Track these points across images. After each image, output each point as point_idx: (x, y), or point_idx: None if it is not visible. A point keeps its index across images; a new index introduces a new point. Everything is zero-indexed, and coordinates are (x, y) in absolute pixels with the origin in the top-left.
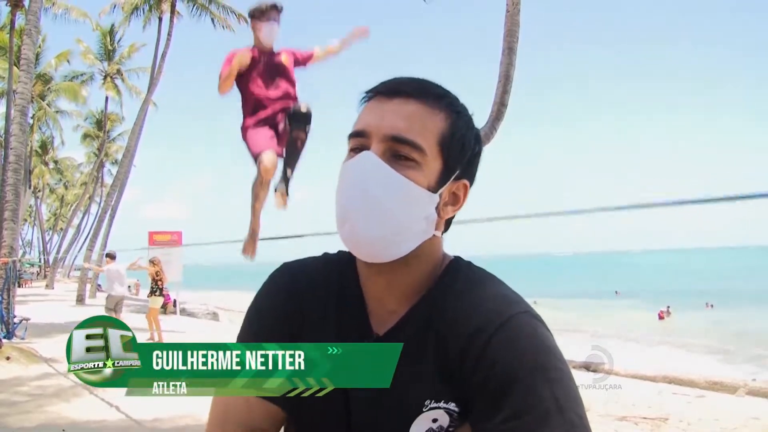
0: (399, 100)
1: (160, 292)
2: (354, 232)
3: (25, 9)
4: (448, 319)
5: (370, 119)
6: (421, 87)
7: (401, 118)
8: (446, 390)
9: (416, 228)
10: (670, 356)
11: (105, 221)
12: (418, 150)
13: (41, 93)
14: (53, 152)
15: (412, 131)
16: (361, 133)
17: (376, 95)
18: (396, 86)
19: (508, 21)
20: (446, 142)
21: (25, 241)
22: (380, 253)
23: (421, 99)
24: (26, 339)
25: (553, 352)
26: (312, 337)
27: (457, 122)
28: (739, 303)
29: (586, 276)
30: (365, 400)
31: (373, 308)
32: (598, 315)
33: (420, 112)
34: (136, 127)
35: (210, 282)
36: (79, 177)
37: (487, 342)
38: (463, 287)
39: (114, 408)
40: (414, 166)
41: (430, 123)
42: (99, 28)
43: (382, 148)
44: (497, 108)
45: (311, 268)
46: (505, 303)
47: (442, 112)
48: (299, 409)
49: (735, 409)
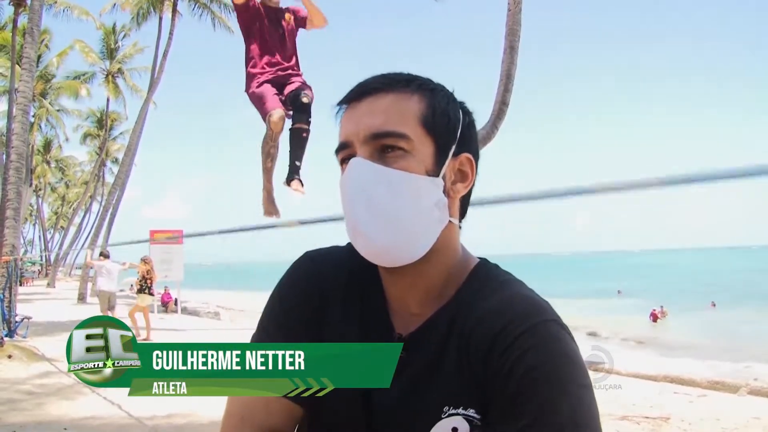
0: (369, 99)
1: (149, 291)
2: (369, 244)
3: (28, 7)
4: (472, 322)
5: (348, 128)
6: (386, 79)
7: (376, 114)
8: (466, 396)
9: (430, 218)
10: (665, 355)
11: (106, 220)
12: (402, 138)
13: (43, 91)
14: (56, 151)
15: (390, 122)
16: (345, 145)
17: (347, 104)
18: (362, 88)
19: (509, 20)
20: (429, 120)
21: (26, 239)
22: (401, 256)
23: (391, 90)
24: (28, 338)
25: (576, 365)
26: (334, 324)
27: (434, 98)
28: (744, 302)
29: (589, 275)
30: (385, 404)
31: (396, 308)
32: (597, 314)
33: (392, 101)
34: (137, 126)
35: (211, 282)
36: (81, 175)
37: (511, 345)
38: (491, 290)
39: (116, 406)
40: (404, 155)
41: (406, 108)
42: (102, 27)
43: (367, 149)
44: (499, 107)
45: (335, 256)
46: (534, 308)
47: (415, 94)
48: (319, 409)
49: (736, 408)
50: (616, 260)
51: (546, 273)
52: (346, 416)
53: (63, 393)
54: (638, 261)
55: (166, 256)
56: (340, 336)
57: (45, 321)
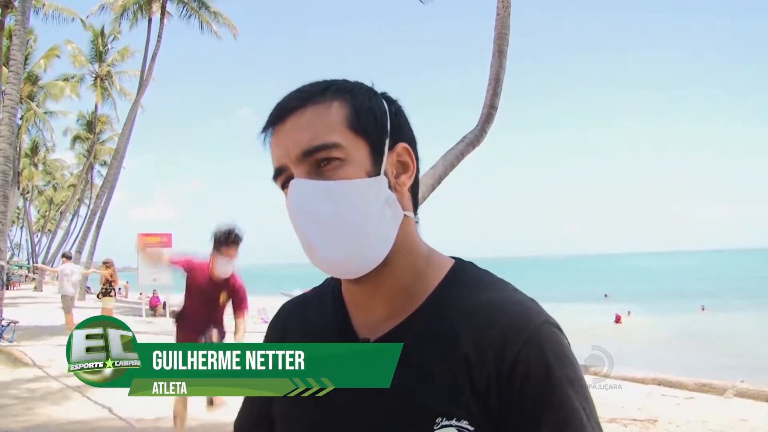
0: (291, 118)
1: (111, 293)
2: (328, 260)
3: (16, 10)
4: (463, 326)
5: (278, 152)
6: (303, 93)
7: (301, 130)
8: (458, 406)
9: (383, 218)
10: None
11: (94, 223)
12: (334, 147)
13: (30, 94)
14: (44, 154)
15: (318, 135)
16: (280, 170)
17: (271, 127)
18: (281, 108)
19: (498, 24)
20: (354, 123)
21: (13, 243)
22: (364, 264)
23: (309, 103)
24: (14, 342)
25: (576, 363)
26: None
27: (355, 99)
28: (733, 306)
29: (578, 279)
30: (371, 414)
31: (361, 317)
32: (569, 317)
33: (314, 114)
34: (125, 129)
35: None
36: (69, 178)
37: (517, 356)
38: (478, 291)
39: (106, 409)
40: (341, 164)
41: (329, 117)
42: (90, 29)
43: (302, 168)
44: (487, 111)
45: (303, 296)
46: (528, 312)
47: (335, 100)
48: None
49: (723, 410)
50: (608, 263)
51: (535, 276)
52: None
53: (50, 397)
54: (630, 264)
55: (154, 260)
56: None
57: (32, 325)
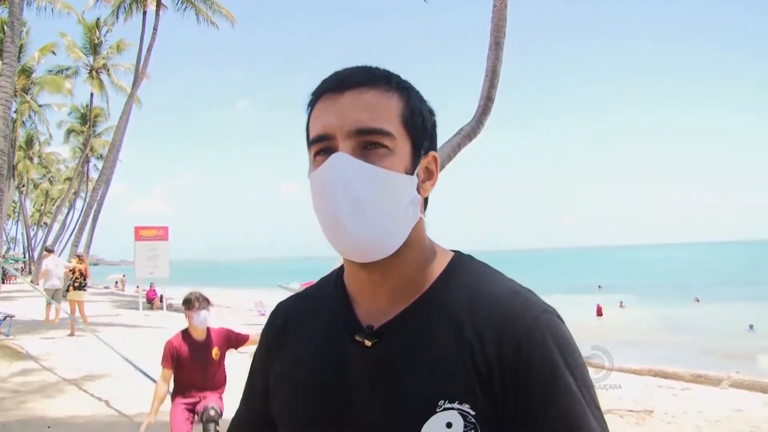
0: (352, 92)
1: (84, 287)
2: (351, 239)
3: (8, 1)
4: (464, 318)
5: (328, 119)
6: (368, 73)
7: (361, 109)
8: (460, 391)
9: (406, 215)
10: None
11: (90, 216)
12: (387, 135)
13: (24, 87)
14: (40, 147)
15: (376, 118)
16: (324, 137)
17: (325, 94)
18: (344, 79)
19: (495, 16)
20: (408, 120)
21: (8, 236)
22: (378, 252)
23: (373, 85)
24: (11, 336)
25: (576, 349)
26: (297, 336)
27: (411, 98)
28: (727, 297)
29: (574, 271)
30: (373, 398)
31: (364, 305)
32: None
33: (376, 98)
34: (121, 123)
35: (197, 278)
36: (65, 171)
37: (519, 346)
38: (474, 283)
39: (103, 402)
40: (388, 154)
41: (389, 106)
42: (83, 22)
43: (351, 144)
44: (484, 103)
45: (304, 292)
46: (527, 303)
47: (396, 92)
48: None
49: (719, 401)
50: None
51: (529, 267)
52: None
53: (46, 391)
54: (629, 256)
55: (151, 253)
56: (306, 341)
57: (28, 319)
